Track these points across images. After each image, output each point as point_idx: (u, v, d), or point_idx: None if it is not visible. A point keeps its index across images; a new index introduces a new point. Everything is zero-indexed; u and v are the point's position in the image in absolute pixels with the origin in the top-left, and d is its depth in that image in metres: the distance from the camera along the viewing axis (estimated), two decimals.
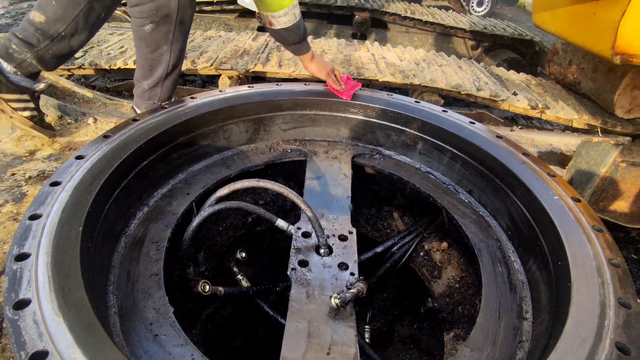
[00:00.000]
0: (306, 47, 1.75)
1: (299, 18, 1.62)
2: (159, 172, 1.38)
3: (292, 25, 1.62)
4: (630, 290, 0.85)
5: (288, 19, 1.60)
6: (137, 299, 0.99)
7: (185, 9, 1.61)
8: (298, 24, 1.63)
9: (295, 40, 1.68)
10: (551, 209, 1.14)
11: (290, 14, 1.59)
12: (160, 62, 1.71)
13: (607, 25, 1.92)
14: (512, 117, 3.42)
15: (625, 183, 2.50)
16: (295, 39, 1.67)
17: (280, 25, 1.62)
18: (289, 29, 1.63)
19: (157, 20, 1.58)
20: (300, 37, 1.67)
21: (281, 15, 1.59)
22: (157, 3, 1.53)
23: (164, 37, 1.64)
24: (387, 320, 2.09)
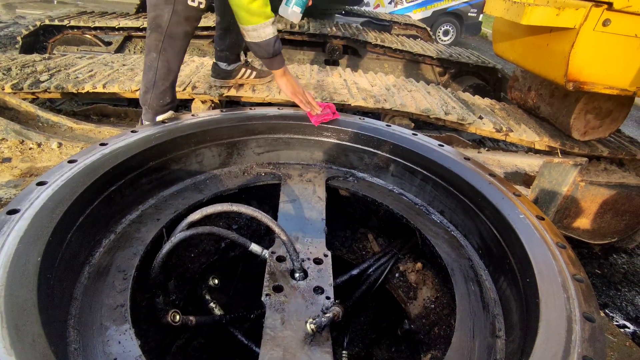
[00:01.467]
0: (277, 64, 1.81)
1: (269, 37, 1.70)
2: (128, 197, 1.33)
3: (261, 42, 1.70)
4: (594, 304, 0.89)
5: (257, 34, 1.68)
6: (100, 333, 0.93)
7: (177, 25, 1.71)
8: (268, 42, 1.70)
9: (264, 55, 1.76)
10: (518, 227, 1.18)
11: (260, 30, 1.68)
12: (151, 68, 1.80)
13: (559, 55, 2.07)
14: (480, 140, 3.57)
15: (586, 201, 2.64)
16: (264, 54, 1.75)
17: (250, 39, 1.72)
18: (258, 44, 1.71)
19: (152, 28, 1.73)
20: (269, 54, 1.74)
21: (249, 30, 1.68)
22: (155, 13, 1.69)
23: (155, 45, 1.75)
24: (364, 344, 2.06)
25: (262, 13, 1.64)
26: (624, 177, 2.61)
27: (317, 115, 1.78)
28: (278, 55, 1.78)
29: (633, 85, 2.10)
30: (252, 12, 1.62)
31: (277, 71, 1.83)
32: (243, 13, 1.63)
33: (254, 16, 1.63)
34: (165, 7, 1.67)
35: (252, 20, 1.64)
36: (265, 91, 2.52)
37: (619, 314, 2.61)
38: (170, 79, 1.86)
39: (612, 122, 2.62)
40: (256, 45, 1.72)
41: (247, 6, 1.60)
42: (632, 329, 2.48)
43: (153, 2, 1.69)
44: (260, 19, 1.64)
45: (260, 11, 1.63)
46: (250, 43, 1.74)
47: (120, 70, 2.71)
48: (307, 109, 1.80)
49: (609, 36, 1.96)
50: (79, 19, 4.19)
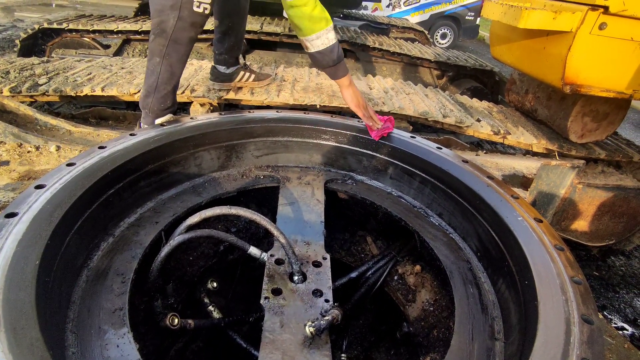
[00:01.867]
0: (342, 72, 1.73)
1: (332, 42, 1.64)
2: (126, 200, 1.33)
3: (324, 49, 1.64)
4: (592, 307, 0.89)
5: (321, 42, 1.63)
6: (99, 336, 0.93)
7: (182, 31, 1.71)
8: (331, 47, 1.65)
9: (328, 64, 1.69)
10: (516, 229, 1.19)
11: (324, 37, 1.62)
12: (153, 72, 1.79)
13: (556, 59, 2.09)
14: (478, 142, 3.58)
15: (583, 203, 2.65)
16: (329, 62, 1.68)
17: (314, 49, 1.65)
18: (322, 52, 1.65)
19: (157, 33, 1.72)
20: (333, 61, 1.68)
21: (313, 38, 1.62)
22: (160, 18, 1.69)
23: (159, 50, 1.74)
24: (363, 347, 2.06)
25: (324, 18, 1.59)
26: (621, 180, 2.62)
27: (378, 129, 1.72)
28: (342, 62, 1.71)
29: (629, 88, 2.11)
30: (315, 19, 1.57)
31: (343, 80, 1.75)
32: (306, 23, 1.58)
33: (316, 23, 1.58)
34: (171, 12, 1.66)
35: (315, 27, 1.59)
36: (263, 94, 2.53)
37: (617, 316, 2.61)
38: (172, 84, 1.86)
39: (609, 124, 2.63)
40: (320, 54, 1.66)
41: (310, 14, 1.55)
42: (631, 331, 2.48)
43: (158, 7, 1.68)
44: (322, 24, 1.59)
45: (322, 16, 1.58)
46: (313, 54, 1.68)
47: (119, 74, 2.71)
48: (369, 123, 1.74)
49: (606, 39, 1.98)
50: (77, 22, 4.20)
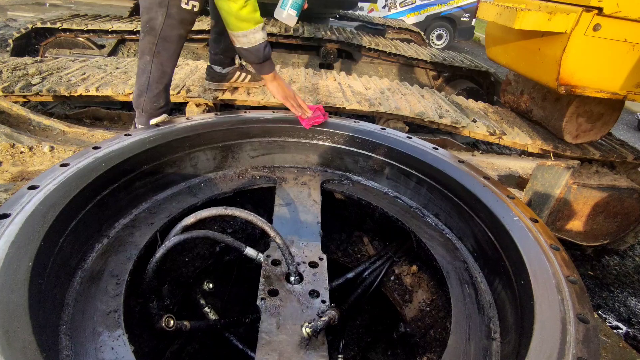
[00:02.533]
0: (267, 68, 1.80)
1: (258, 42, 1.70)
2: (121, 201, 1.32)
3: (250, 47, 1.70)
4: (588, 306, 0.89)
5: (247, 40, 1.69)
6: (93, 339, 0.92)
7: (171, 28, 1.72)
8: (257, 47, 1.71)
9: (254, 61, 1.77)
10: (512, 230, 1.19)
11: (250, 36, 1.68)
12: (144, 71, 1.80)
13: (551, 60, 2.10)
14: (474, 143, 3.60)
15: (578, 203, 2.67)
16: (254, 59, 1.75)
17: (239, 45, 1.72)
18: (247, 49, 1.71)
19: (146, 31, 1.74)
20: (259, 59, 1.75)
21: (239, 35, 1.68)
22: (149, 16, 1.70)
23: (148, 48, 1.76)
24: (360, 348, 2.05)
25: (252, 19, 1.64)
26: (615, 180, 2.65)
27: (308, 118, 1.78)
28: (268, 60, 1.78)
29: (623, 89, 2.13)
30: (241, 18, 1.62)
31: (267, 76, 1.83)
32: (232, 20, 1.63)
33: (243, 22, 1.63)
34: (159, 10, 1.67)
35: (241, 26, 1.64)
36: (259, 94, 2.52)
37: (611, 315, 2.63)
38: (164, 82, 1.85)
39: (603, 125, 2.65)
40: (246, 51, 1.73)
41: (237, 12, 1.60)
42: (625, 330, 2.50)
43: (146, 5, 1.68)
44: (250, 24, 1.64)
45: (249, 17, 1.63)
46: (239, 49, 1.74)
47: (114, 74, 2.69)
48: (298, 113, 1.80)
49: (600, 41, 1.99)
50: (71, 21, 4.17)
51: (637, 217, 2.76)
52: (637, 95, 2.10)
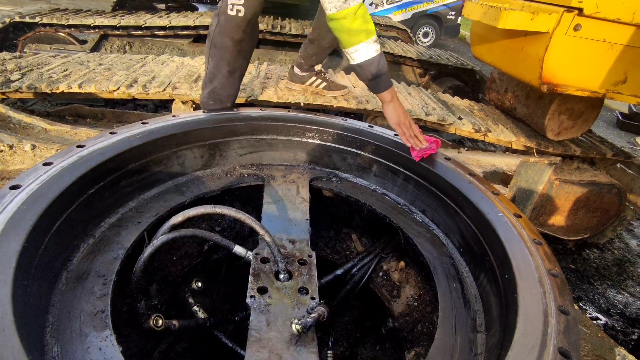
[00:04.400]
0: (383, 86, 1.62)
1: (372, 56, 1.54)
2: (107, 200, 1.30)
3: (363, 62, 1.55)
4: (568, 298, 0.92)
5: (359, 55, 1.54)
6: (80, 340, 0.91)
7: (220, 36, 1.78)
8: (371, 61, 1.55)
9: (367, 77, 1.60)
10: (497, 225, 1.22)
11: (363, 50, 1.53)
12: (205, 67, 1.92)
13: (534, 58, 2.15)
14: (460, 140, 3.65)
15: (560, 199, 2.74)
16: (368, 75, 1.59)
17: (353, 62, 1.58)
18: (361, 65, 1.56)
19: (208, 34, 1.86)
20: (372, 75, 1.58)
21: (352, 51, 1.54)
22: (211, 21, 1.82)
23: (206, 50, 1.88)
24: (349, 343, 2.07)
25: (364, 31, 1.50)
26: (595, 176, 2.73)
27: (420, 150, 1.61)
28: (383, 75, 1.60)
29: (602, 88, 2.19)
30: (352, 32, 1.49)
31: (384, 95, 1.64)
32: (345, 36, 1.51)
33: (354, 36, 1.50)
34: (214, 18, 1.77)
35: (353, 40, 1.51)
36: (247, 91, 2.50)
37: (591, 306, 2.71)
38: (212, 86, 1.91)
39: (584, 122, 2.72)
40: (359, 67, 1.58)
41: (349, 27, 1.47)
42: (604, 321, 2.59)
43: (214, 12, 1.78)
44: (361, 36, 1.50)
45: (361, 29, 1.49)
46: (353, 67, 1.59)
47: (97, 70, 2.64)
48: (409, 144, 1.62)
49: (580, 40, 2.05)
50: (51, 16, 4.06)
51: (615, 212, 2.85)
52: (615, 93, 2.16)
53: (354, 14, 1.47)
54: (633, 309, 2.70)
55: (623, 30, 2.01)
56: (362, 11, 1.51)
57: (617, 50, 2.06)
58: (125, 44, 4.41)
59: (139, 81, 2.49)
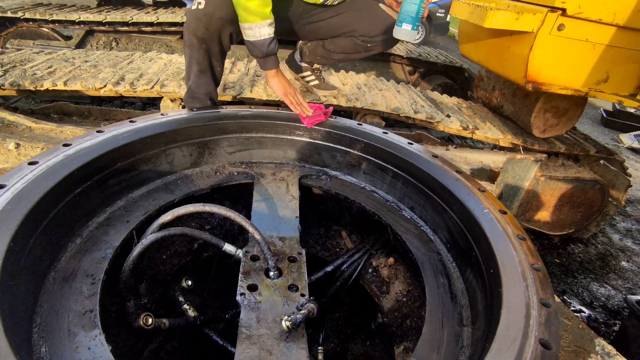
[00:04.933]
0: (270, 65, 1.82)
1: (263, 37, 1.71)
2: (95, 200, 1.29)
3: (254, 41, 1.72)
4: (550, 291, 0.95)
5: (252, 33, 1.70)
6: (69, 339, 0.90)
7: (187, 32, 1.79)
8: (262, 42, 1.72)
9: (257, 55, 1.77)
10: (482, 221, 1.25)
11: (255, 30, 1.69)
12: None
13: (519, 57, 2.19)
14: (449, 137, 3.70)
15: (546, 195, 2.80)
16: (258, 53, 1.76)
17: (246, 37, 1.73)
18: (252, 42, 1.73)
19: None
20: (262, 54, 1.76)
21: (246, 28, 1.69)
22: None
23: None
24: (340, 339, 2.09)
25: (260, 13, 1.64)
26: (580, 172, 2.79)
27: (309, 117, 1.77)
28: (272, 56, 1.79)
29: (585, 86, 2.24)
30: (249, 10, 1.63)
31: (269, 72, 1.86)
32: (240, 11, 1.64)
33: (250, 15, 1.64)
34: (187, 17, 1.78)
35: (248, 18, 1.65)
36: (236, 89, 2.50)
37: (575, 299, 2.78)
38: (188, 84, 1.92)
39: (568, 120, 2.78)
40: (251, 44, 1.74)
41: (245, 4, 1.61)
42: (587, 313, 2.66)
43: None
44: (257, 18, 1.65)
45: (257, 11, 1.63)
46: (246, 41, 1.75)
47: (83, 67, 2.60)
48: (297, 111, 1.80)
49: (564, 40, 2.09)
50: (34, 11, 3.97)
51: (598, 207, 2.93)
52: (597, 92, 2.22)
53: None
54: (615, 301, 2.78)
55: (605, 31, 2.06)
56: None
57: (599, 50, 2.11)
58: (112, 40, 4.34)
59: (126, 78, 2.46)
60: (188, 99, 1.96)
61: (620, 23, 2.03)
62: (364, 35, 2.09)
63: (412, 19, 1.74)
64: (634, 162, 5.28)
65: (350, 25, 2.08)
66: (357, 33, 2.08)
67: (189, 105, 1.95)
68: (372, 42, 2.11)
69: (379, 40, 2.11)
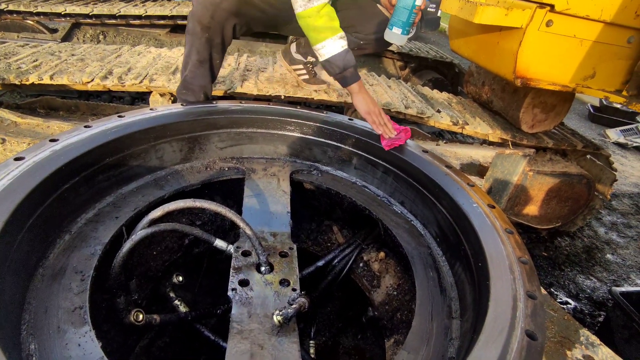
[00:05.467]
0: (351, 80, 1.73)
1: (338, 51, 1.65)
2: (83, 196, 1.28)
3: (330, 57, 1.65)
4: (536, 283, 0.98)
5: (326, 51, 1.65)
6: (58, 336, 0.90)
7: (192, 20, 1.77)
8: (337, 56, 1.65)
9: (335, 71, 1.70)
10: (471, 216, 1.26)
11: (329, 47, 1.64)
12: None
13: (508, 53, 2.20)
14: (439, 132, 3.72)
15: (534, 189, 2.84)
16: (335, 70, 1.69)
17: (321, 58, 1.68)
18: (328, 60, 1.66)
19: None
20: (339, 68, 1.68)
21: (319, 48, 1.65)
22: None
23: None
24: (331, 333, 2.11)
25: (330, 27, 1.60)
26: (567, 167, 2.84)
27: (390, 138, 1.68)
28: (350, 69, 1.70)
29: (573, 82, 2.27)
30: (319, 29, 1.59)
31: (352, 87, 1.75)
32: (311, 33, 1.60)
33: (321, 33, 1.60)
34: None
35: (319, 37, 1.61)
36: (227, 84, 2.48)
37: (562, 291, 2.84)
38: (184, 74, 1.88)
39: (556, 115, 2.82)
40: (327, 63, 1.68)
41: (314, 25, 1.57)
42: (573, 305, 2.72)
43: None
44: (328, 33, 1.61)
45: (327, 26, 1.59)
46: (322, 63, 1.69)
47: (69, 61, 2.55)
48: (379, 131, 1.70)
49: (552, 36, 2.11)
50: (18, 3, 3.87)
51: (585, 201, 2.98)
52: (584, 88, 2.25)
53: (317, 12, 1.58)
54: (600, 293, 2.85)
55: (592, 27, 2.09)
56: (327, 10, 1.61)
57: (586, 46, 2.14)
58: (99, 33, 4.26)
59: (114, 72, 2.42)
60: (182, 90, 1.92)
61: (607, 19, 2.06)
62: (358, 33, 2.09)
63: (403, 23, 1.75)
64: (620, 156, 5.38)
65: (348, 21, 2.09)
66: (353, 30, 2.08)
67: (182, 97, 1.91)
68: (366, 40, 2.12)
69: (372, 39, 2.10)
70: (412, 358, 1.01)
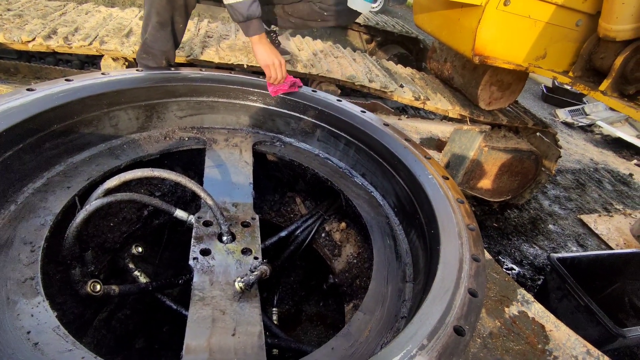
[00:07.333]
0: (253, 29, 1.71)
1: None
2: (29, 164, 1.20)
3: (234, 3, 1.63)
4: (480, 248, 1.06)
5: None
6: (8, 307, 0.87)
7: None
8: (242, 3, 1.62)
9: (238, 19, 1.68)
10: (426, 186, 1.33)
11: None
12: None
13: (468, 30, 2.26)
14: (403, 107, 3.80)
15: (488, 164, 3.00)
16: (239, 17, 1.67)
17: (226, 1, 1.64)
18: (232, 5, 1.63)
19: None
20: (243, 17, 1.66)
21: None
22: None
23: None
24: (294, 301, 2.18)
25: None
26: (518, 143, 3.01)
27: (274, 85, 1.71)
28: (254, 19, 1.68)
29: (526, 62, 2.38)
30: None
31: (253, 38, 1.73)
32: None
33: None
34: None
35: None
36: (186, 49, 2.36)
37: (508, 259, 3.09)
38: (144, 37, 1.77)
39: (511, 94, 2.96)
40: (231, 8, 1.64)
41: None
42: (517, 270, 2.97)
43: None
44: None
45: None
46: (226, 5, 1.65)
47: (5, 17, 2.31)
48: (269, 79, 1.72)
49: (509, 15, 2.18)
50: None
51: (533, 176, 3.20)
52: (536, 67, 2.37)
53: None
54: (540, 259, 3.12)
55: (545, 8, 2.18)
56: None
57: (539, 27, 2.24)
58: None
59: (58, 32, 2.23)
60: (142, 54, 1.81)
61: (559, 2, 2.15)
62: (322, 3, 2.06)
63: None
64: (567, 135, 5.77)
65: None
66: (317, 0, 2.04)
67: (142, 61, 1.81)
68: (329, 11, 2.08)
69: (334, 11, 2.08)
70: (368, 318, 1.08)
